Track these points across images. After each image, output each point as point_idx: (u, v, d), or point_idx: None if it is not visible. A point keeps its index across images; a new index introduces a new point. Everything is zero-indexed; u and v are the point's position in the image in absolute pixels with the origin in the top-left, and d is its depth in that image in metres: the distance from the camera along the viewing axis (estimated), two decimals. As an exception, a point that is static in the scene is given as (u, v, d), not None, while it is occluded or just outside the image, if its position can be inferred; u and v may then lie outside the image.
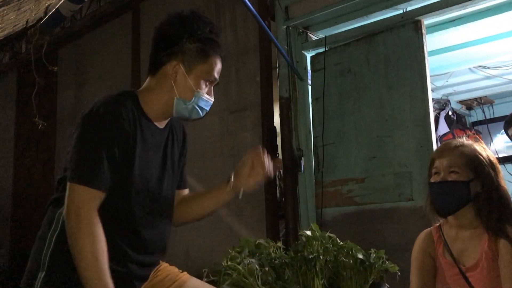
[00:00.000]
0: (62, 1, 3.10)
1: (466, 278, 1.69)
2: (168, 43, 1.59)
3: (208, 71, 1.60)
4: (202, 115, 1.66)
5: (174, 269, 1.71)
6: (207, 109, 1.66)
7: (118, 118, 1.47)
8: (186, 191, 1.84)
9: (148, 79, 1.65)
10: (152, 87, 1.61)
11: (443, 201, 1.77)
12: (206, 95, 1.62)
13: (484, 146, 1.86)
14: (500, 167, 1.81)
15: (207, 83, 1.63)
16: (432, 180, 1.81)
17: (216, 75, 1.64)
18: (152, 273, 1.64)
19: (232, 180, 1.69)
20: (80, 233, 1.37)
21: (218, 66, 1.64)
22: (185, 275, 1.69)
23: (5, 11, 4.51)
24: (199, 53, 1.58)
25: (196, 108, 1.61)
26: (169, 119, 1.68)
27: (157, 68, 1.61)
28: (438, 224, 1.89)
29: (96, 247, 1.37)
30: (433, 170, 1.81)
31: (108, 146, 1.44)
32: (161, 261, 1.71)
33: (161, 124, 1.64)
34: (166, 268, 1.69)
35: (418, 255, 1.85)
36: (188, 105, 1.59)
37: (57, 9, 3.16)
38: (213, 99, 1.66)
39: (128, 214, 1.50)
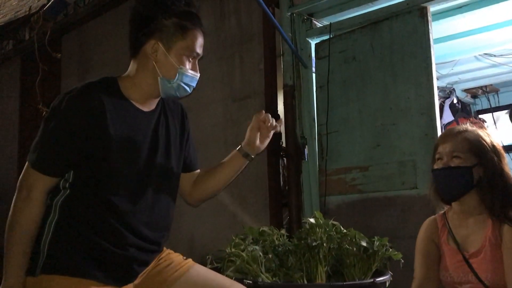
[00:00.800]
0: (65, -13, 3.09)
1: (469, 264, 1.70)
2: (144, 22, 1.56)
3: (189, 46, 1.57)
4: (190, 91, 1.63)
5: (178, 256, 1.71)
6: (194, 85, 1.63)
7: (77, 106, 1.49)
8: (198, 172, 1.84)
9: (131, 63, 1.63)
10: (135, 70, 1.60)
11: (446, 187, 1.77)
12: (190, 71, 1.59)
13: (488, 132, 1.85)
14: (504, 153, 1.80)
15: (190, 59, 1.60)
16: (435, 167, 1.80)
17: (198, 49, 1.60)
18: (155, 260, 1.64)
19: (244, 145, 1.75)
20: (23, 208, 1.46)
21: (199, 40, 1.60)
22: (189, 262, 1.70)
23: (8, -3, 4.49)
24: (177, 29, 1.55)
25: (182, 85, 1.59)
26: (158, 101, 1.66)
27: (137, 49, 1.59)
28: (443, 212, 1.89)
29: (27, 228, 1.45)
30: (436, 156, 1.81)
31: (65, 133, 1.48)
32: (164, 248, 1.71)
33: (148, 107, 1.62)
34: (169, 256, 1.69)
35: (423, 242, 1.85)
36: (173, 84, 1.57)
37: (60, -4, 3.16)
38: (198, 74, 1.63)
39: (117, 197, 1.50)
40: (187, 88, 1.61)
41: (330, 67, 3.00)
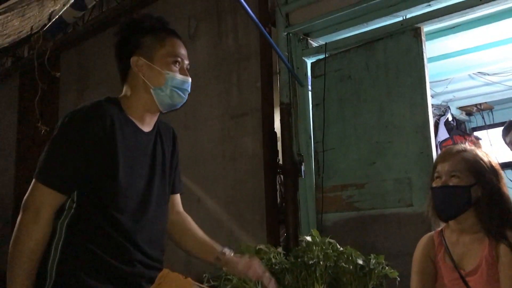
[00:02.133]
0: (65, 7, 3.13)
1: (465, 283, 1.70)
2: (123, 47, 1.63)
3: (169, 51, 1.62)
4: (185, 97, 1.65)
5: (178, 276, 1.72)
6: (187, 89, 1.65)
7: (91, 123, 1.50)
8: (177, 197, 1.84)
9: (124, 88, 1.68)
10: (129, 91, 1.64)
11: (444, 206, 1.78)
12: (180, 75, 1.62)
13: (486, 152, 1.87)
14: (502, 173, 1.82)
15: (177, 64, 1.63)
16: (434, 185, 1.82)
17: (180, 53, 1.64)
18: (157, 278, 1.65)
19: (226, 255, 1.71)
20: (30, 230, 1.44)
21: (179, 45, 1.65)
22: (188, 281, 1.70)
23: (9, 18, 4.53)
24: (154, 40, 1.62)
25: (175, 91, 1.61)
26: (155, 122, 1.69)
27: (124, 74, 1.65)
28: (440, 229, 1.90)
29: (35, 250, 1.44)
30: (435, 175, 1.82)
31: (77, 149, 1.48)
32: (163, 268, 1.71)
33: (147, 127, 1.65)
34: (169, 275, 1.70)
35: (419, 259, 1.86)
36: (165, 91, 1.60)
37: (60, 16, 3.19)
38: (189, 78, 1.65)
39: (122, 215, 1.51)
40: (181, 93, 1.63)
41: (326, 85, 3.03)
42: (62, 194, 1.48)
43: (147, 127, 1.65)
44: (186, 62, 1.66)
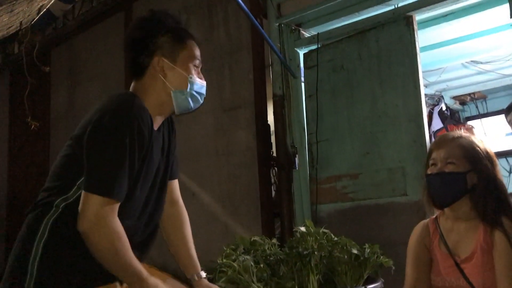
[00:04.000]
0: (53, 1, 3.09)
1: (460, 270, 1.70)
2: (142, 45, 1.58)
3: (191, 54, 1.61)
4: (201, 101, 1.66)
5: (155, 271, 1.71)
6: (204, 93, 1.66)
7: (140, 123, 1.43)
8: (175, 183, 1.82)
9: (133, 84, 1.62)
10: (144, 90, 1.58)
11: (439, 192, 1.77)
12: (198, 79, 1.63)
13: (482, 139, 1.87)
14: (497, 160, 1.82)
15: (195, 67, 1.63)
16: (429, 172, 1.81)
17: (199, 57, 1.64)
18: None
19: (199, 279, 1.73)
20: (112, 240, 1.37)
21: (197, 49, 1.65)
22: (162, 276, 1.69)
23: (-2, 14, 4.50)
24: (175, 41, 1.59)
25: (194, 95, 1.61)
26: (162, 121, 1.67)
27: (141, 72, 1.60)
28: (434, 216, 1.89)
29: (125, 243, 1.39)
30: (430, 162, 1.82)
31: (130, 153, 1.40)
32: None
33: (156, 126, 1.62)
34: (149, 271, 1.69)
35: (414, 246, 1.86)
36: (186, 94, 1.59)
37: (48, 9, 3.16)
38: (205, 82, 1.66)
39: (125, 221, 1.47)
40: (199, 98, 1.64)
41: (319, 76, 3.02)
42: (119, 202, 1.40)
43: (156, 126, 1.61)
44: (201, 64, 1.66)
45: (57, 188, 1.49)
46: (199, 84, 1.63)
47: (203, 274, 1.77)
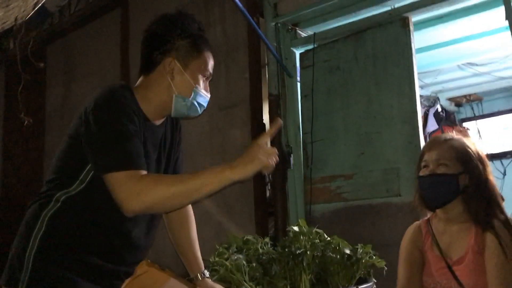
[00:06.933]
0: (47, -5, 3.07)
1: (452, 272, 1.71)
2: (160, 41, 1.58)
3: (204, 65, 1.61)
4: (200, 113, 1.64)
5: (155, 270, 1.71)
6: (205, 105, 1.64)
7: (131, 105, 1.46)
8: None
9: (141, 79, 1.63)
10: (148, 85, 1.59)
11: (431, 194, 1.78)
12: (203, 91, 1.62)
13: (473, 141, 1.87)
14: (488, 162, 1.82)
15: (204, 79, 1.62)
16: (421, 174, 1.82)
17: (211, 70, 1.64)
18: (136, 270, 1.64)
19: (203, 279, 1.74)
20: (163, 197, 1.34)
21: (211, 61, 1.64)
22: (164, 275, 1.70)
23: (-7, 9, 4.47)
24: (192, 48, 1.59)
25: (194, 105, 1.60)
26: (165, 117, 1.67)
27: (151, 67, 1.59)
28: (427, 218, 1.90)
29: (173, 188, 1.36)
30: (422, 164, 1.82)
31: (130, 126, 1.40)
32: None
33: (158, 121, 1.62)
34: (149, 270, 1.69)
35: (407, 247, 1.86)
36: (187, 102, 1.58)
37: (42, 4, 3.14)
38: (209, 95, 1.65)
39: (119, 213, 1.48)
40: (198, 109, 1.62)
41: (315, 76, 3.02)
42: (143, 170, 1.37)
43: (157, 121, 1.62)
44: (212, 75, 1.65)
45: (57, 181, 1.49)
46: (203, 96, 1.62)
47: (207, 273, 1.76)
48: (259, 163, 1.40)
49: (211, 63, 1.64)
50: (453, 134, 1.85)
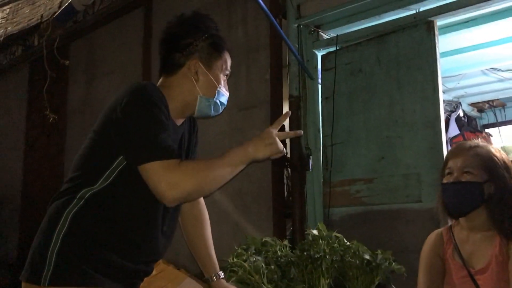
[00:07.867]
0: (74, -6, 3.11)
1: (474, 281, 1.68)
2: (182, 43, 1.61)
3: (224, 65, 1.66)
4: (221, 111, 1.69)
5: (172, 269, 1.73)
6: (225, 104, 1.69)
7: (163, 100, 1.48)
8: None
9: (162, 79, 1.66)
10: (171, 86, 1.61)
11: (455, 202, 1.75)
12: (225, 90, 1.67)
13: (499, 148, 1.84)
14: None
15: (224, 78, 1.67)
16: (445, 181, 1.79)
17: (229, 68, 1.70)
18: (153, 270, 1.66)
19: (218, 279, 1.78)
20: (200, 183, 1.40)
21: (230, 61, 1.70)
22: (181, 274, 1.72)
23: (20, 5, 4.55)
24: (214, 49, 1.63)
25: (217, 104, 1.65)
26: (186, 117, 1.69)
27: (174, 69, 1.62)
28: (449, 226, 1.87)
29: (209, 172, 1.41)
30: (446, 171, 1.80)
31: (162, 118, 1.43)
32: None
33: (178, 122, 1.65)
34: (166, 269, 1.71)
35: (427, 255, 1.84)
36: (211, 102, 1.63)
37: (69, 3, 3.18)
38: (228, 94, 1.70)
39: (143, 211, 1.50)
40: (220, 108, 1.68)
41: (336, 78, 3.00)
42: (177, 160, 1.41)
43: (178, 121, 1.65)
44: (229, 75, 1.71)
45: (81, 179, 1.50)
46: (225, 95, 1.67)
47: (222, 274, 1.78)
48: (276, 148, 1.51)
49: (229, 62, 1.69)
50: (479, 141, 1.82)
